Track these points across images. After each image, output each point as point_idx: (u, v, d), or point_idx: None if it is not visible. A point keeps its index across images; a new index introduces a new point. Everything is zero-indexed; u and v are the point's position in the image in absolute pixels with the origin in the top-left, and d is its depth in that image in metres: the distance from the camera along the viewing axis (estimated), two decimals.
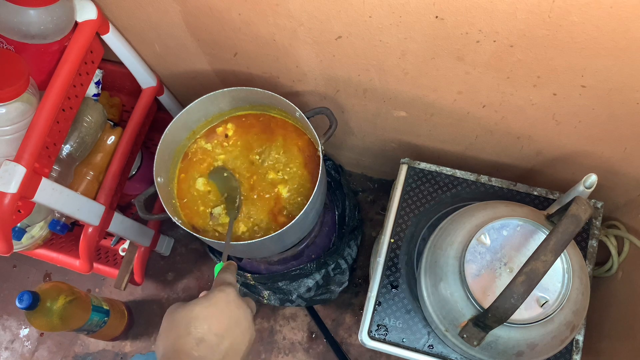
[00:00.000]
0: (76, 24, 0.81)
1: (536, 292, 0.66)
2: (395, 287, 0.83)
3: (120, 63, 0.97)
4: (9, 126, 0.75)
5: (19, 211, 0.75)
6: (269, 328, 1.24)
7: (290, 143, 0.88)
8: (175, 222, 0.79)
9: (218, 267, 0.62)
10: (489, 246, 0.70)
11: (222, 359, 0.51)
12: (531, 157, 0.91)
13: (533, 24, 0.58)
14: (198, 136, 0.89)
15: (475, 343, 0.63)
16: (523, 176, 0.99)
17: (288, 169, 0.86)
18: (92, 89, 0.98)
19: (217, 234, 0.83)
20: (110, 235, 1.17)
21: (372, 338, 0.81)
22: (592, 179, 0.66)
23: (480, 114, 0.82)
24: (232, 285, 0.57)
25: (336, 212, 1.10)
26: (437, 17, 0.61)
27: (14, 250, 0.87)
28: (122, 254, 1.19)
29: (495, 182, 0.89)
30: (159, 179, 0.81)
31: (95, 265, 1.09)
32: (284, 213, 0.84)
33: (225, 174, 0.86)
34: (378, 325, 0.81)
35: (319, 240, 1.03)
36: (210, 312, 0.52)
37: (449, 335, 0.71)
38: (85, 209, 0.90)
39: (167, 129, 0.81)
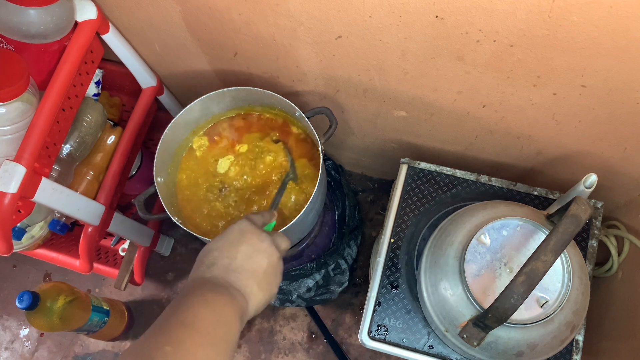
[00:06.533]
0: (76, 23, 0.81)
1: (536, 292, 0.66)
2: (395, 287, 0.83)
3: (120, 63, 0.97)
4: (9, 126, 0.75)
5: (19, 211, 0.75)
6: (269, 328, 1.24)
7: (291, 143, 0.88)
8: (175, 222, 0.79)
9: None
10: (489, 246, 0.69)
11: (238, 276, 0.53)
12: (531, 157, 0.91)
13: (533, 24, 0.58)
14: (197, 136, 0.89)
15: (475, 343, 0.63)
16: (523, 176, 0.99)
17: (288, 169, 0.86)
18: (92, 89, 0.98)
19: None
20: (110, 235, 1.17)
21: (372, 338, 0.81)
22: (592, 179, 0.66)
23: (480, 114, 0.82)
24: (248, 218, 0.60)
25: (336, 212, 1.10)
26: (437, 16, 0.61)
27: (14, 250, 0.87)
28: (122, 254, 1.19)
29: (495, 182, 0.89)
30: (159, 179, 0.81)
31: (95, 265, 1.09)
32: (284, 213, 0.84)
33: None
34: (378, 326, 0.81)
35: (319, 240, 1.03)
36: (222, 242, 0.56)
37: (449, 335, 0.71)
38: (85, 209, 0.90)
39: (167, 129, 0.81)
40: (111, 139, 1.00)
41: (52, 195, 0.79)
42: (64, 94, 0.78)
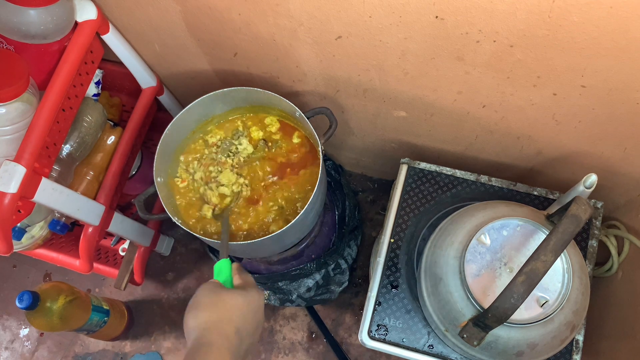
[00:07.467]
0: (76, 24, 0.81)
1: (536, 292, 0.66)
2: (395, 287, 0.83)
3: (120, 63, 0.97)
4: (9, 126, 0.75)
5: (19, 211, 0.75)
6: (269, 328, 1.24)
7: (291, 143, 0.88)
8: (175, 222, 0.79)
9: (220, 264, 0.62)
10: (489, 246, 0.70)
11: (245, 355, 0.57)
12: (531, 157, 0.91)
13: (533, 24, 0.58)
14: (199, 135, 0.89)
15: (475, 343, 0.63)
16: (523, 176, 0.99)
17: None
18: (92, 89, 0.98)
19: (216, 235, 0.83)
20: (110, 235, 1.17)
21: (372, 338, 0.81)
22: (592, 179, 0.66)
23: (480, 114, 0.82)
24: (262, 291, 0.63)
25: (336, 212, 1.10)
26: (437, 17, 0.61)
27: (14, 250, 0.87)
28: (122, 254, 1.19)
29: (495, 182, 0.89)
30: (159, 179, 0.81)
31: (95, 265, 1.09)
32: (284, 213, 0.84)
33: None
34: (378, 325, 0.81)
35: (319, 240, 1.03)
36: (249, 309, 0.59)
37: (449, 335, 0.71)
38: (85, 209, 0.90)
39: (167, 129, 0.81)
40: (111, 139, 1.00)
41: (52, 195, 0.79)
42: (64, 94, 0.78)
